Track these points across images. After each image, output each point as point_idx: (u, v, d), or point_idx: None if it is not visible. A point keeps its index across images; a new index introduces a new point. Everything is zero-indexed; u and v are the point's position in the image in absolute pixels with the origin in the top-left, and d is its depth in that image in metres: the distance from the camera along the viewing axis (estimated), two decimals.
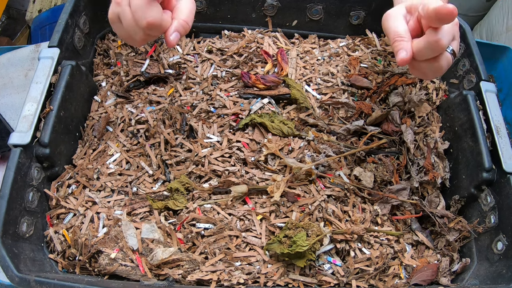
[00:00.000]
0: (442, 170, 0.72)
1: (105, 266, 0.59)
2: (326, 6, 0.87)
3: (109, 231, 0.63)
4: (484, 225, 0.67)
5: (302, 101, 0.76)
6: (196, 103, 0.77)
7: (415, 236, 0.69)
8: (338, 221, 0.66)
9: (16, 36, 1.56)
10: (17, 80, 0.91)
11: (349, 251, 0.65)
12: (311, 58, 0.85)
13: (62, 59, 0.70)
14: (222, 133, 0.73)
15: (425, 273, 0.65)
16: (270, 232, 0.65)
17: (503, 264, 0.62)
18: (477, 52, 0.76)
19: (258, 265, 0.62)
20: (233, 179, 0.67)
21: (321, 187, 0.69)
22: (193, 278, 0.60)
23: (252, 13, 0.88)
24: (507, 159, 0.66)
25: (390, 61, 0.86)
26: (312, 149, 0.73)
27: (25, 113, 0.63)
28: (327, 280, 0.62)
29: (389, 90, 0.80)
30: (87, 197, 0.67)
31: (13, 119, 0.85)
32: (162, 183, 0.70)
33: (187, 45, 0.86)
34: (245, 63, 0.82)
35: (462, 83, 0.78)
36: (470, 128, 0.70)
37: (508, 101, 1.05)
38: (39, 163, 0.64)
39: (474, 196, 0.69)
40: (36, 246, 0.61)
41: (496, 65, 1.09)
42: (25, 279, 0.53)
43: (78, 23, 0.76)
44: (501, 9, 1.35)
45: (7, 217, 0.56)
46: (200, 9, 0.87)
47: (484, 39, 1.41)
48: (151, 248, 0.62)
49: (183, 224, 0.65)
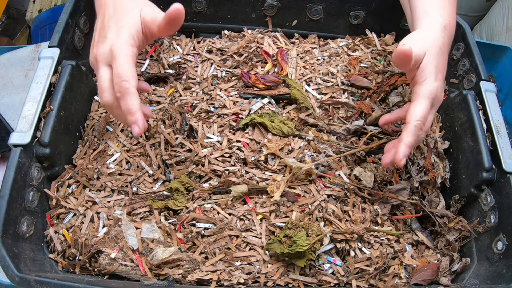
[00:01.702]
0: (442, 170, 0.72)
1: (105, 266, 0.59)
2: (326, 6, 0.87)
3: (109, 231, 0.63)
4: (484, 224, 0.67)
5: (302, 101, 0.76)
6: (196, 103, 0.77)
7: (415, 236, 0.69)
8: (338, 221, 0.66)
9: (16, 36, 1.56)
10: (17, 80, 0.91)
11: (349, 251, 0.65)
12: (311, 58, 0.85)
13: (62, 59, 0.70)
14: (222, 133, 0.73)
15: (425, 273, 0.65)
16: (270, 232, 0.65)
17: (503, 264, 0.62)
18: (477, 52, 0.76)
19: (258, 265, 0.62)
20: (233, 179, 0.67)
21: (321, 187, 0.69)
22: (193, 278, 0.60)
23: (252, 13, 0.88)
24: (507, 159, 0.66)
25: (390, 61, 0.86)
26: (312, 149, 0.73)
27: (25, 113, 0.63)
28: (327, 280, 0.62)
29: (389, 90, 0.80)
30: (87, 197, 0.67)
31: (13, 119, 0.85)
32: (162, 183, 0.70)
33: (187, 45, 0.86)
34: (245, 63, 0.82)
35: (462, 83, 0.78)
36: (470, 128, 0.70)
37: (508, 101, 1.05)
38: (39, 163, 0.64)
39: (474, 196, 0.69)
40: (36, 246, 0.61)
41: (496, 65, 1.09)
42: (25, 279, 0.53)
43: (78, 23, 0.76)
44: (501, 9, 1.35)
45: (7, 217, 0.56)
46: (200, 9, 0.87)
47: (484, 39, 1.41)
48: (151, 248, 0.62)
49: (183, 224, 0.65)
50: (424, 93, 0.57)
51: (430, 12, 0.62)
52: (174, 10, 0.51)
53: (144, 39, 0.56)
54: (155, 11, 0.55)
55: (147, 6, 0.56)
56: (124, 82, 0.51)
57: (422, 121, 0.57)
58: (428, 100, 0.57)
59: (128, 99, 0.52)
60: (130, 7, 0.56)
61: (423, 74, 0.57)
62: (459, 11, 1.52)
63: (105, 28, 0.56)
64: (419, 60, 0.56)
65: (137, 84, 0.53)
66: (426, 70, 0.57)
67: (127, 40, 0.53)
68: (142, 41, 0.56)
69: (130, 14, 0.55)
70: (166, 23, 0.53)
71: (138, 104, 0.52)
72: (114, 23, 0.55)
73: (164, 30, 0.53)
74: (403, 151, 0.56)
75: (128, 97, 0.52)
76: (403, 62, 0.55)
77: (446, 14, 0.62)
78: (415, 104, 0.57)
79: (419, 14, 0.64)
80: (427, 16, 0.62)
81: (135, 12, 0.55)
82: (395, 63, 0.56)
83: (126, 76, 0.51)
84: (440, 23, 0.61)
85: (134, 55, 0.54)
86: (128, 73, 0.52)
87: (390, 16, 0.87)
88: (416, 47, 0.55)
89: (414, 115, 0.57)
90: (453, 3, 0.65)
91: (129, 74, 0.52)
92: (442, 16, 0.62)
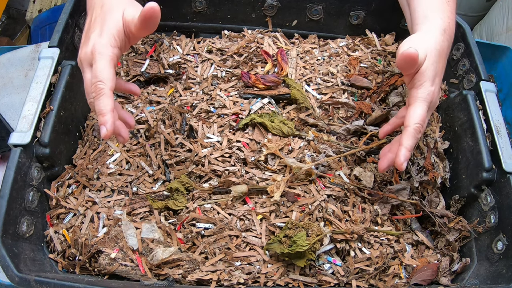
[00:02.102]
0: (442, 170, 0.72)
1: (105, 266, 0.59)
2: (326, 6, 0.87)
3: (109, 231, 0.63)
4: (484, 225, 0.67)
5: (302, 101, 0.76)
6: (196, 103, 0.77)
7: (415, 236, 0.69)
8: (338, 221, 0.66)
9: (16, 36, 1.56)
10: (17, 80, 0.91)
11: (349, 251, 0.65)
12: (311, 58, 0.85)
13: (62, 59, 0.70)
14: (222, 133, 0.73)
15: (425, 273, 0.65)
16: (270, 232, 0.65)
17: (503, 264, 0.62)
18: (477, 52, 0.76)
19: (258, 265, 0.62)
20: (233, 179, 0.67)
21: (321, 187, 0.69)
22: (193, 278, 0.60)
23: (252, 13, 0.88)
24: (507, 159, 0.66)
25: (390, 61, 0.86)
26: (312, 149, 0.73)
27: (25, 113, 0.63)
28: (327, 280, 0.62)
29: (389, 90, 0.80)
30: (87, 197, 0.67)
31: (13, 119, 0.85)
32: (162, 183, 0.70)
33: (187, 45, 0.86)
34: (245, 63, 0.82)
35: (462, 83, 0.78)
36: (470, 128, 0.70)
37: (508, 101, 1.05)
38: (39, 163, 0.64)
39: (474, 196, 0.69)
40: (36, 246, 0.61)
41: (496, 65, 1.09)
42: (25, 279, 0.53)
43: (78, 23, 0.76)
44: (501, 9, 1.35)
45: (7, 217, 0.56)
46: (200, 9, 0.87)
47: (484, 39, 1.41)
48: (151, 248, 0.62)
49: (183, 224, 0.65)
50: (421, 96, 0.57)
51: (430, 16, 0.62)
52: (148, 9, 0.50)
53: (126, 40, 0.55)
54: (137, 11, 0.54)
55: (130, 6, 0.55)
56: (99, 83, 0.51)
57: (421, 124, 0.57)
58: (426, 103, 0.57)
59: (101, 100, 0.51)
60: (114, 7, 0.55)
61: (421, 78, 0.57)
62: (459, 11, 1.52)
63: (90, 29, 0.56)
64: (420, 64, 0.56)
65: (113, 86, 0.52)
66: (425, 74, 0.57)
67: (108, 41, 0.53)
68: (125, 41, 0.55)
69: (113, 14, 0.54)
70: (141, 22, 0.52)
71: (110, 106, 0.52)
72: (99, 23, 0.55)
73: (141, 29, 0.53)
74: (404, 155, 0.56)
75: (101, 98, 0.51)
76: (408, 65, 0.55)
77: (445, 17, 0.62)
78: (413, 108, 0.57)
79: (418, 18, 0.64)
80: (427, 20, 0.62)
81: (118, 12, 0.54)
82: (399, 65, 0.56)
83: (101, 77, 0.51)
84: (440, 26, 0.61)
85: (114, 56, 0.53)
86: (104, 75, 0.52)
87: (390, 16, 0.87)
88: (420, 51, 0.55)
89: (413, 118, 0.57)
90: (452, 5, 0.65)
91: (104, 76, 0.52)
92: (442, 19, 0.62)
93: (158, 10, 0.51)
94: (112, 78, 0.52)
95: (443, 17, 0.62)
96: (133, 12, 0.54)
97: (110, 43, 0.53)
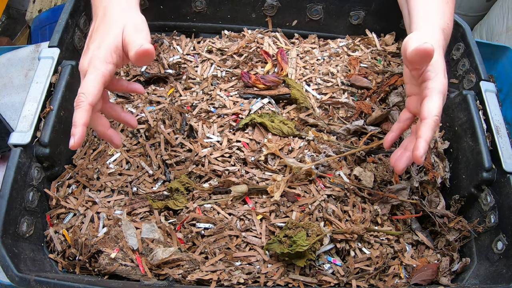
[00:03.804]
0: (442, 170, 0.72)
1: (105, 266, 0.59)
2: (326, 6, 0.87)
3: (109, 231, 0.63)
4: (484, 224, 0.67)
5: (302, 101, 0.76)
6: (196, 103, 0.77)
7: (415, 236, 0.69)
8: (338, 221, 0.66)
9: (16, 36, 1.56)
10: (17, 80, 0.91)
11: (349, 251, 0.65)
12: (311, 58, 0.85)
13: (62, 59, 0.70)
14: (222, 133, 0.73)
15: (425, 273, 0.65)
16: (270, 232, 0.65)
17: (503, 264, 0.62)
18: (477, 52, 0.76)
19: (258, 265, 0.62)
20: (233, 179, 0.67)
21: (321, 187, 0.69)
22: (193, 278, 0.60)
23: (252, 13, 0.88)
24: (507, 158, 0.66)
25: (390, 61, 0.86)
26: (312, 149, 0.73)
27: (25, 113, 0.63)
28: (327, 280, 0.62)
29: (389, 90, 0.80)
30: (87, 197, 0.67)
31: (13, 119, 0.85)
32: (162, 183, 0.70)
33: (187, 45, 0.86)
34: (245, 63, 0.82)
35: (462, 83, 0.78)
36: (470, 128, 0.70)
37: (508, 101, 1.05)
38: (39, 163, 0.64)
39: (474, 196, 0.69)
40: (36, 246, 0.61)
41: (496, 65, 1.09)
42: (25, 279, 0.53)
43: (78, 23, 0.76)
44: (501, 9, 1.35)
45: (7, 217, 0.56)
46: (200, 9, 0.87)
47: (484, 39, 1.41)
48: (151, 248, 0.62)
49: (183, 224, 0.65)
50: (437, 88, 0.56)
51: (429, 17, 0.62)
52: (143, 51, 0.51)
53: (124, 55, 0.56)
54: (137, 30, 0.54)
55: (130, 23, 0.55)
56: (81, 95, 0.52)
57: (439, 116, 0.56)
58: (441, 95, 0.57)
59: (77, 111, 0.52)
60: (115, 21, 0.55)
61: (434, 70, 0.56)
62: (459, 11, 1.52)
63: (91, 38, 0.56)
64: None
65: (94, 102, 0.52)
66: (437, 66, 0.56)
67: (104, 56, 0.53)
68: (122, 58, 0.55)
69: (113, 29, 0.54)
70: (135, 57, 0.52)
71: (84, 120, 0.52)
72: (99, 35, 0.55)
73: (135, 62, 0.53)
74: (424, 147, 0.54)
75: (78, 110, 0.52)
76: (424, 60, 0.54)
77: (445, 17, 0.62)
78: (430, 100, 0.56)
79: (418, 17, 0.63)
80: (427, 20, 0.62)
81: (118, 27, 0.54)
82: (412, 61, 0.54)
83: (85, 90, 0.52)
84: (439, 25, 0.61)
85: (107, 72, 0.53)
86: (89, 89, 0.52)
87: (390, 16, 0.87)
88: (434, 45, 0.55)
89: (431, 111, 0.56)
90: (451, 6, 0.65)
91: (88, 90, 0.52)
92: (442, 19, 0.62)
93: (153, 52, 0.51)
94: (96, 94, 0.53)
95: (442, 17, 0.62)
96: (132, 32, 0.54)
97: (106, 59, 0.53)
